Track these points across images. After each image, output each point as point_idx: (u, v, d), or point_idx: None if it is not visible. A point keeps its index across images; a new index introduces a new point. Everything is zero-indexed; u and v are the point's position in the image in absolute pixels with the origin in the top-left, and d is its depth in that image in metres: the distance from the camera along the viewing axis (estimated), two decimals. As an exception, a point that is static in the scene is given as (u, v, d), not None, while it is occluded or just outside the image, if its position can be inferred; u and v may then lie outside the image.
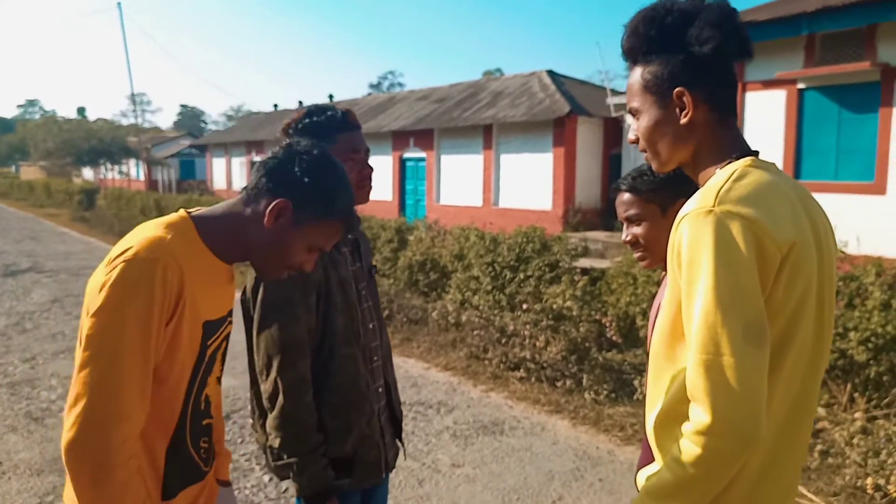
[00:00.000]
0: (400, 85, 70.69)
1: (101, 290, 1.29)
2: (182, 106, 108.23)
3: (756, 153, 1.35)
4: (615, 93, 16.82)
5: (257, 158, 29.81)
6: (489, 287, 7.97)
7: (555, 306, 6.13)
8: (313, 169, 1.42)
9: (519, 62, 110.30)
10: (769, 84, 10.75)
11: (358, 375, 1.99)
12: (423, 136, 20.14)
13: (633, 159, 15.76)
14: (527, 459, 4.22)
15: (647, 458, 1.83)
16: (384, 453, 2.08)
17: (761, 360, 1.15)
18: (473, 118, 18.15)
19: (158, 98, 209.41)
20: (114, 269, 1.30)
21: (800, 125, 10.57)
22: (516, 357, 5.84)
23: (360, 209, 2.10)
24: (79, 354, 1.31)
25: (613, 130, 16.71)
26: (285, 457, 1.84)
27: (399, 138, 21.15)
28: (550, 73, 18.93)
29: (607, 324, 6.66)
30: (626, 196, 1.79)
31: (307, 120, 1.97)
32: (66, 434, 1.27)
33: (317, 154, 1.45)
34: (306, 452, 1.83)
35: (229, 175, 32.57)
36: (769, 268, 1.18)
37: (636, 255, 1.81)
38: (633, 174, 1.80)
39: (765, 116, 10.89)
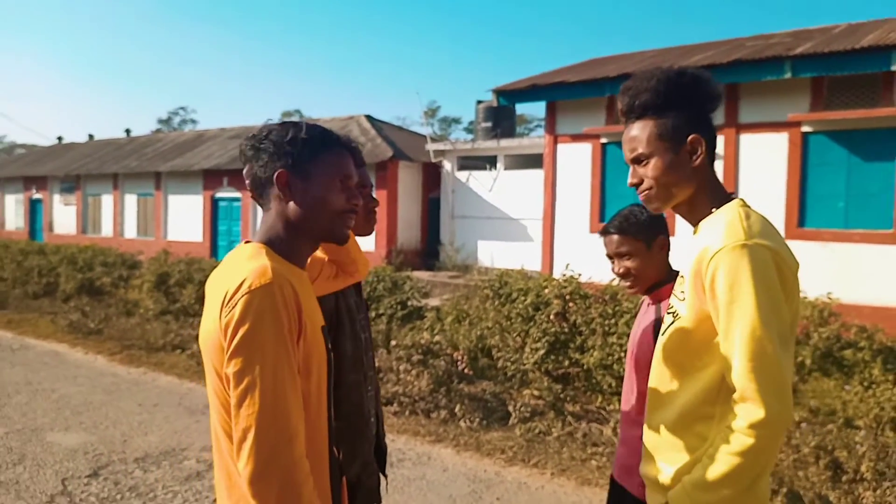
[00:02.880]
0: (193, 121, 67.37)
1: (231, 328, 1.34)
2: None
3: (732, 196, 1.68)
4: (434, 139, 17.72)
5: (38, 195, 26.88)
6: (339, 326, 8.02)
7: (422, 341, 6.39)
8: (280, 131, 1.51)
9: (317, 105, 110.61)
10: (577, 137, 12.07)
11: (362, 403, 2.05)
12: (238, 176, 19.56)
13: (451, 203, 16.66)
14: (425, 487, 4.38)
15: (631, 458, 2.13)
16: (380, 479, 2.16)
17: (790, 362, 1.48)
18: (293, 159, 18.04)
19: None
20: (236, 305, 1.34)
21: (603, 173, 11.97)
22: (388, 392, 5.98)
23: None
24: (232, 394, 1.34)
25: (433, 175, 17.53)
26: None
27: (211, 177, 20.36)
28: (369, 117, 19.48)
29: (459, 358, 7.05)
30: (616, 237, 2.14)
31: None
32: (246, 468, 1.30)
33: (273, 126, 1.54)
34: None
35: (1, 214, 28.96)
36: (787, 288, 1.50)
37: (626, 284, 2.16)
38: (619, 218, 2.16)
39: (573, 165, 12.17)
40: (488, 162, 16.34)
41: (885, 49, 8.83)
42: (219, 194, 20.36)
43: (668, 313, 1.69)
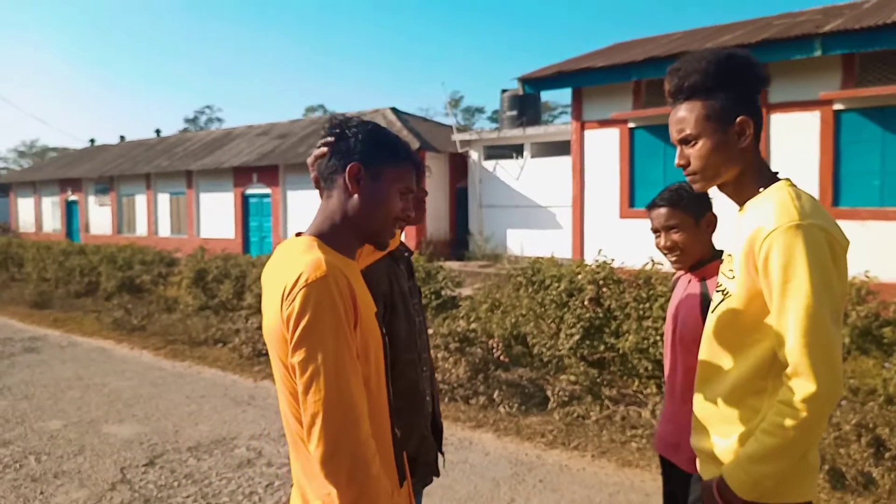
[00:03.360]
0: (219, 120, 68.20)
1: (292, 321, 1.42)
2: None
3: (777, 175, 1.74)
4: (460, 129, 17.77)
5: (73, 197, 27.50)
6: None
7: (458, 329, 6.48)
8: (364, 131, 1.60)
9: (340, 100, 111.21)
10: (605, 123, 12.05)
11: (418, 380, 2.17)
12: (268, 172, 19.86)
13: (479, 193, 16.71)
14: (468, 470, 4.50)
15: (677, 434, 2.21)
16: (437, 454, 2.28)
17: (840, 338, 1.54)
18: (321, 154, 18.23)
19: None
20: (295, 298, 1.42)
21: (631, 158, 11.93)
22: (427, 380, 6.09)
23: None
24: (299, 383, 1.43)
25: (459, 165, 17.60)
26: None
27: (241, 174, 20.66)
28: (394, 110, 19.57)
29: (494, 346, 7.14)
30: (666, 209, 2.19)
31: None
32: (317, 450, 1.40)
33: (360, 121, 1.63)
34: None
35: (39, 216, 29.68)
36: (839, 267, 1.56)
37: (672, 258, 2.22)
38: (670, 192, 2.21)
39: (601, 150, 12.15)
40: (515, 150, 16.36)
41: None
42: (249, 191, 20.65)
43: (718, 291, 1.75)
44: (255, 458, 4.73)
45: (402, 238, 2.36)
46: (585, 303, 6.66)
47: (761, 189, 1.70)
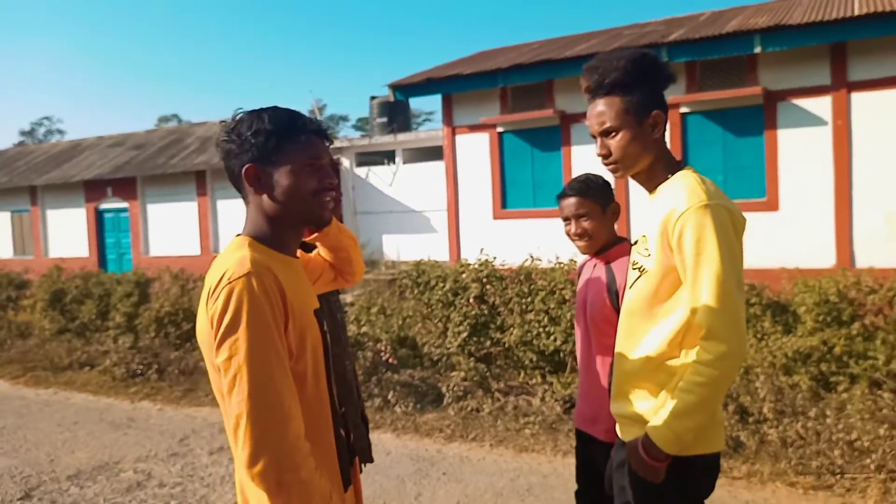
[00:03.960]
0: (60, 132, 63.40)
1: (215, 320, 1.38)
2: None
3: (682, 163, 1.95)
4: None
5: None
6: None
7: (350, 334, 6.47)
8: (246, 123, 1.52)
9: (194, 108, 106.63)
10: (475, 128, 12.42)
11: (345, 372, 2.20)
12: (124, 185, 18.72)
13: (353, 200, 16.67)
14: (373, 470, 4.50)
15: (593, 408, 2.38)
16: (369, 441, 2.33)
17: (744, 303, 1.76)
18: (184, 164, 17.47)
19: None
20: (217, 297, 1.39)
21: (502, 162, 12.38)
22: (319, 386, 6.03)
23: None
24: (224, 383, 1.38)
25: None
26: None
27: (93, 188, 19.33)
28: (260, 118, 19.06)
29: (382, 348, 7.18)
30: (576, 198, 2.36)
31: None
32: (243, 453, 1.35)
33: (242, 113, 1.56)
34: None
35: None
36: (740, 240, 1.79)
37: (580, 244, 2.39)
38: (579, 182, 2.39)
39: (472, 154, 12.52)
40: (386, 157, 16.48)
41: (748, 34, 9.67)
42: (103, 205, 19.36)
43: (634, 269, 1.92)
44: (145, 479, 4.49)
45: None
46: (471, 301, 6.86)
47: (669, 175, 1.89)
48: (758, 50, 9.58)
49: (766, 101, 10.05)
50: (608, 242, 2.40)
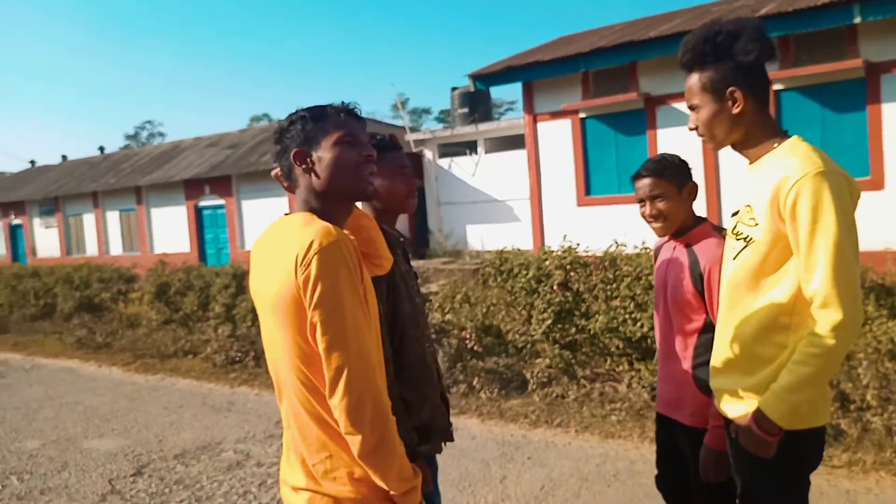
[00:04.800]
0: (161, 135, 67.01)
1: (310, 284, 1.49)
2: None
3: (787, 132, 1.88)
4: (413, 130, 17.86)
5: (17, 221, 26.63)
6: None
7: (434, 321, 6.58)
8: (286, 121, 1.72)
9: (283, 108, 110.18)
10: (556, 115, 12.29)
11: (424, 354, 2.26)
12: (220, 183, 19.61)
13: (436, 191, 16.83)
14: (458, 454, 4.59)
15: (677, 391, 2.35)
16: (449, 421, 2.38)
17: (859, 272, 1.70)
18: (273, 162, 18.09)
19: None
20: (310, 263, 1.49)
21: (585, 148, 12.21)
22: (406, 373, 6.17)
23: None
24: (319, 341, 1.50)
25: (414, 165, 17.67)
26: None
27: (192, 187, 20.35)
28: (345, 114, 19.52)
29: (468, 336, 7.26)
30: (650, 179, 2.33)
31: None
32: (342, 401, 1.48)
33: (289, 118, 1.72)
34: (396, 420, 2.10)
35: (-22, 242, 28.64)
36: (854, 209, 1.74)
37: (656, 225, 2.35)
38: (653, 162, 2.35)
39: (554, 142, 12.40)
40: (468, 147, 16.54)
41: (846, 3, 9.12)
42: (202, 203, 20.35)
43: (738, 239, 1.86)
44: (244, 459, 4.75)
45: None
46: (554, 288, 6.83)
47: (775, 144, 1.84)
48: (857, 20, 9.03)
49: (868, 74, 9.49)
50: (686, 224, 2.35)
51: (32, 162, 32.05)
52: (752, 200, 1.83)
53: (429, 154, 17.07)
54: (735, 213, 1.95)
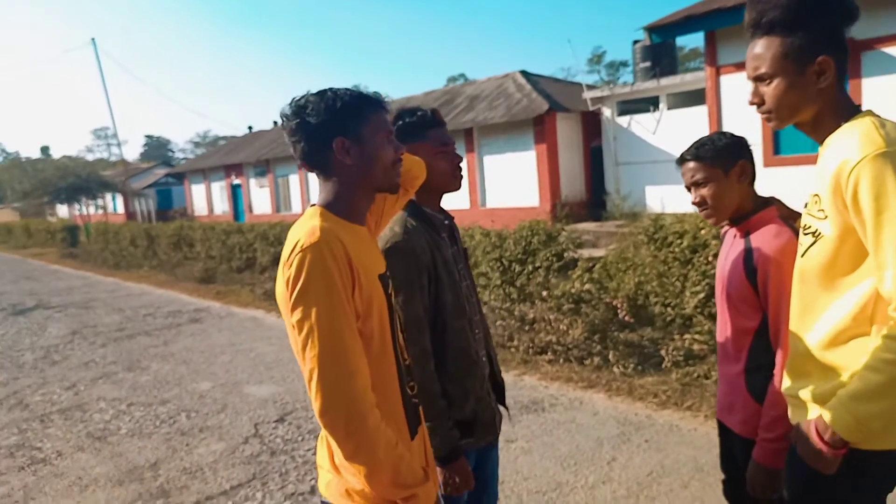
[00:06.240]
0: (368, 97, 70.98)
1: (290, 283, 1.52)
2: (147, 137, 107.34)
3: (860, 108, 1.60)
4: (590, 87, 17.27)
5: (237, 181, 29.85)
6: (499, 281, 8.25)
7: (573, 291, 6.45)
8: (323, 102, 1.62)
9: (480, 67, 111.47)
10: (741, 66, 11.19)
11: (469, 345, 2.18)
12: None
13: (614, 151, 16.21)
14: (574, 430, 4.52)
15: (731, 395, 2.12)
16: (497, 413, 2.30)
17: None
18: (453, 123, 18.46)
19: (122, 131, 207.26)
20: (292, 264, 1.52)
21: (775, 103, 11.04)
22: (542, 342, 6.14)
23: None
24: (297, 341, 1.53)
25: (592, 124, 17.13)
26: None
27: (381, 149, 21.41)
28: (524, 73, 19.33)
29: (619, 305, 7.00)
30: (692, 164, 2.09)
31: (399, 122, 2.15)
32: (316, 402, 1.50)
33: (315, 98, 1.63)
34: (436, 416, 2.00)
35: (210, 200, 32.54)
36: None
37: (703, 213, 2.11)
38: (696, 144, 2.11)
39: (739, 96, 11.33)
40: (651, 104, 15.65)
41: None
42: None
43: (807, 234, 1.63)
44: (374, 416, 5.03)
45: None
46: (710, 259, 6.35)
47: (842, 123, 1.57)
48: None
49: (851, 51, 8.10)
50: (744, 209, 2.07)
51: (250, 127, 35.60)
52: (819, 188, 1.57)
53: (607, 112, 16.41)
54: (806, 205, 1.69)
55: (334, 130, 1.62)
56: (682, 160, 2.14)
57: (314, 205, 1.72)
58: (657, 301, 6.75)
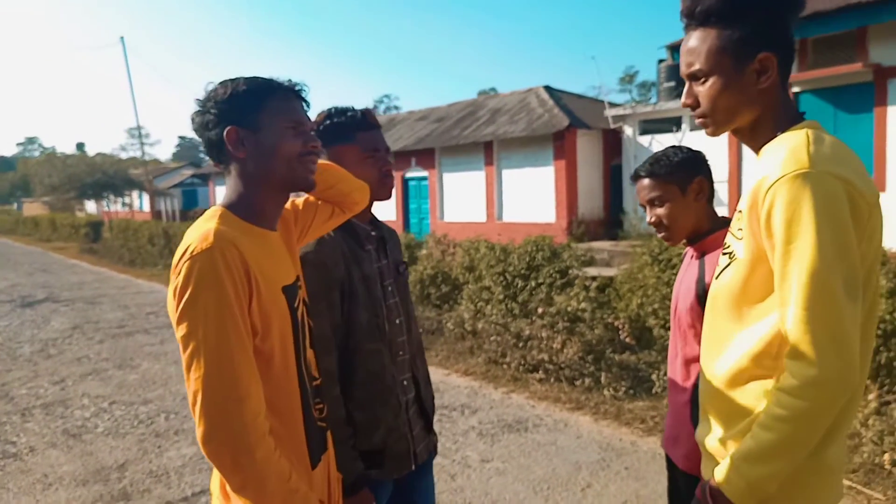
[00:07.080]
0: (396, 108, 71.61)
1: (175, 294, 1.35)
2: (181, 137, 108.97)
3: (803, 116, 1.42)
4: (612, 105, 17.09)
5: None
6: (501, 296, 8.12)
7: (569, 309, 6.28)
8: (221, 90, 1.48)
9: (512, 80, 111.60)
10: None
11: (383, 370, 1.98)
12: (425, 156, 20.40)
13: (633, 169, 15.98)
14: (553, 452, 4.36)
15: (676, 427, 1.98)
16: (412, 445, 2.06)
17: (857, 313, 1.23)
18: (474, 135, 18.41)
19: (156, 130, 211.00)
20: (180, 272, 1.35)
21: (797, 127, 10.80)
22: (534, 359, 5.99)
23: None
24: (182, 359, 1.35)
25: (613, 142, 16.94)
26: None
27: (401, 158, 21.39)
28: (547, 88, 19.22)
29: (620, 326, 6.81)
30: (647, 181, 1.96)
31: (328, 121, 2.00)
32: (198, 430, 1.32)
33: (214, 84, 1.51)
34: (338, 443, 1.82)
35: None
36: (860, 225, 1.25)
37: (660, 235, 1.98)
38: (650, 160, 1.97)
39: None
40: (674, 124, 15.43)
41: (858, 7, 8.29)
42: (408, 174, 21.35)
43: (724, 254, 1.47)
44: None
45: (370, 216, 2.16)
46: (713, 283, 6.16)
47: (778, 133, 1.39)
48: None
49: (877, 78, 9.27)
50: (700, 229, 1.93)
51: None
52: (742, 205, 1.38)
53: (629, 130, 16.21)
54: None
55: (226, 119, 1.47)
56: (636, 176, 2.00)
57: (218, 206, 1.56)
58: (657, 323, 6.57)
